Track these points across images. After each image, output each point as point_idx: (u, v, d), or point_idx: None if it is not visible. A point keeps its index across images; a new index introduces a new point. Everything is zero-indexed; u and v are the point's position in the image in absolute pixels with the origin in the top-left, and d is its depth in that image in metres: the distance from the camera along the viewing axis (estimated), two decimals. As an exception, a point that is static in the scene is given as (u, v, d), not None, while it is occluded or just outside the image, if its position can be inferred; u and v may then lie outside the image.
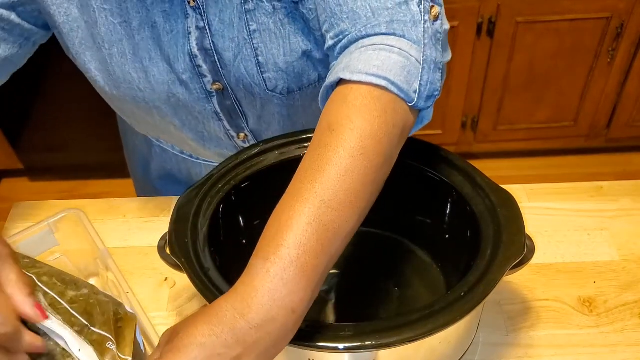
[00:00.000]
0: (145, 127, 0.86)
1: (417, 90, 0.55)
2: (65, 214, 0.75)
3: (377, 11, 0.57)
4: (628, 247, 0.79)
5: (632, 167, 2.08)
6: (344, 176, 0.51)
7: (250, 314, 0.47)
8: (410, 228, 0.77)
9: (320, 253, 0.49)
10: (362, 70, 0.54)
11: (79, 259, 0.77)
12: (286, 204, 0.51)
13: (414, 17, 0.57)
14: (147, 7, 0.68)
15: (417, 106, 0.56)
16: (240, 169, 0.70)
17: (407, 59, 0.55)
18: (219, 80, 0.74)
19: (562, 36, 1.75)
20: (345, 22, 0.59)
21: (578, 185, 0.88)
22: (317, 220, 0.49)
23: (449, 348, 0.62)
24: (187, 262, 0.60)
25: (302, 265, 0.48)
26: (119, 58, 0.72)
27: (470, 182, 0.66)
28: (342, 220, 0.50)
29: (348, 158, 0.51)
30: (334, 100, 0.55)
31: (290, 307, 0.48)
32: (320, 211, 0.50)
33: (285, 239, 0.49)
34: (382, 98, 0.53)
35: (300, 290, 0.48)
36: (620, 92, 1.89)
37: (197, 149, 0.86)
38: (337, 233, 0.50)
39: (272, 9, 0.67)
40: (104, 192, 2.10)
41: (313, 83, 0.75)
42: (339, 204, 0.50)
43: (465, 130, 1.97)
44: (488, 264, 0.57)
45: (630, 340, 0.69)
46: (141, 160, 0.99)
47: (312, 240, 0.49)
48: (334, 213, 0.50)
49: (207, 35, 0.69)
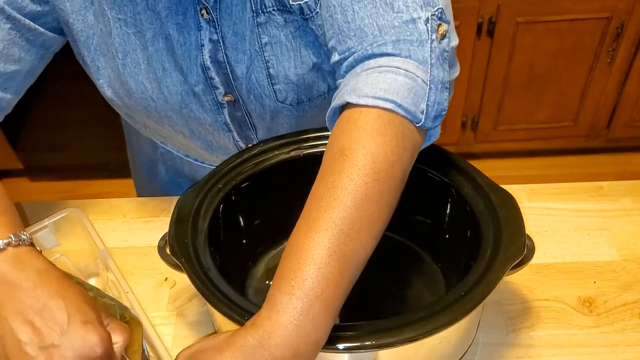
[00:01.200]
0: (152, 132, 0.86)
1: (425, 111, 0.55)
2: (65, 214, 0.75)
3: (384, 29, 0.57)
4: (628, 247, 0.79)
5: (632, 167, 2.08)
6: (360, 204, 0.51)
7: (277, 352, 0.48)
8: (410, 228, 0.77)
9: (340, 283, 0.50)
10: (368, 94, 0.54)
11: (79, 259, 0.77)
12: (304, 234, 0.51)
13: (421, 36, 0.56)
14: (161, 19, 0.68)
15: (425, 126, 0.56)
16: (240, 169, 0.70)
17: (414, 80, 0.55)
18: (230, 92, 0.74)
19: (562, 36, 1.75)
20: (352, 39, 0.59)
21: (578, 185, 0.88)
22: (337, 251, 0.50)
23: (449, 348, 0.62)
24: (187, 262, 0.60)
25: (326, 299, 0.49)
26: (132, 68, 0.72)
27: (470, 182, 0.66)
28: (359, 248, 0.51)
29: (363, 185, 0.51)
30: (344, 124, 0.55)
31: (315, 342, 0.49)
32: (339, 241, 0.50)
33: (309, 273, 0.49)
34: (392, 122, 0.53)
35: (325, 325, 0.49)
36: (620, 92, 1.89)
37: (204, 155, 0.87)
38: (356, 261, 0.51)
39: (283, 22, 0.68)
40: (104, 192, 2.10)
41: (322, 94, 0.75)
42: (356, 232, 0.51)
43: (465, 130, 1.97)
44: (488, 264, 0.57)
45: (630, 340, 0.69)
46: (146, 162, 0.99)
47: (335, 272, 0.49)
48: (353, 242, 0.50)
49: (221, 48, 0.70)
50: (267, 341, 0.48)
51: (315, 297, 0.48)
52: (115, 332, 0.55)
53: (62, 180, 2.16)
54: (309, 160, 0.72)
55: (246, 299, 0.57)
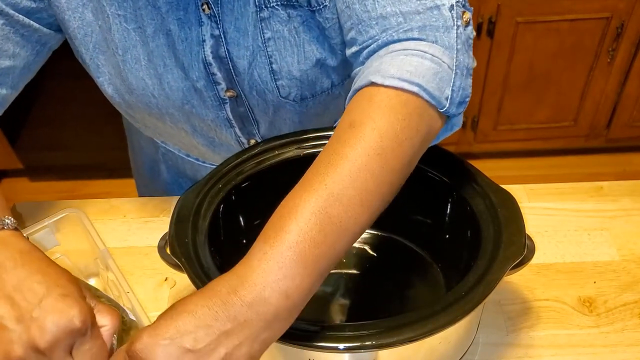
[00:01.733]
0: (153, 131, 0.86)
1: (449, 97, 0.55)
2: (65, 214, 0.75)
3: (409, 16, 0.57)
4: (628, 247, 0.79)
5: (632, 167, 2.08)
6: (357, 173, 0.50)
7: (242, 291, 0.47)
8: (410, 228, 0.77)
9: (321, 244, 0.49)
10: (394, 75, 0.53)
11: (79, 259, 0.77)
12: (295, 193, 0.51)
13: (446, 23, 0.56)
14: (161, 15, 0.68)
15: (449, 112, 0.56)
16: (240, 169, 0.70)
17: (440, 65, 0.55)
18: (232, 88, 0.74)
19: (562, 36, 1.75)
20: (374, 28, 0.59)
21: (578, 185, 0.88)
22: (322, 211, 0.49)
23: (449, 348, 0.62)
24: (187, 262, 0.60)
25: (300, 252, 0.48)
26: (133, 64, 0.72)
27: (470, 182, 0.66)
28: (349, 216, 0.50)
29: (364, 156, 0.51)
30: (359, 99, 0.55)
31: (284, 290, 0.47)
32: (327, 203, 0.49)
33: (287, 225, 0.49)
34: (409, 102, 0.53)
35: (296, 276, 0.48)
36: (620, 92, 1.89)
37: (206, 153, 0.86)
38: (342, 228, 0.50)
39: (287, 17, 0.67)
40: (104, 192, 2.10)
41: (326, 90, 0.75)
42: (348, 199, 0.50)
43: (465, 130, 1.97)
44: (488, 264, 0.57)
45: (630, 340, 0.69)
46: (148, 162, 0.99)
47: (314, 229, 0.49)
48: (341, 207, 0.50)
49: (222, 44, 0.69)
50: (235, 281, 0.47)
51: (288, 247, 0.48)
52: (103, 314, 0.54)
53: (62, 180, 2.16)
54: (309, 160, 0.71)
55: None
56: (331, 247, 0.49)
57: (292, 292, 0.48)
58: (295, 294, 0.48)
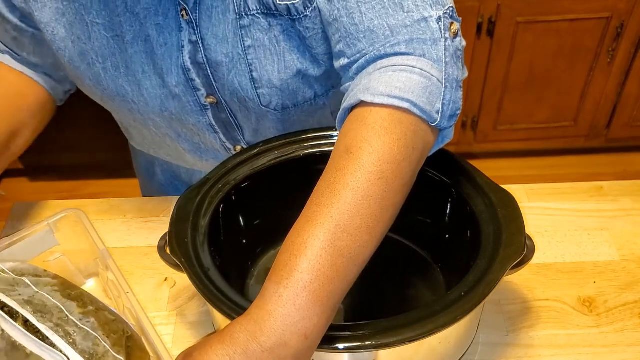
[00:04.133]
0: (142, 141, 0.86)
1: (440, 111, 0.55)
2: (65, 214, 0.75)
3: (396, 29, 0.56)
4: (628, 247, 0.79)
5: (632, 167, 2.08)
6: (362, 201, 0.50)
7: (262, 337, 0.47)
8: (410, 228, 0.77)
9: (334, 279, 0.49)
10: (383, 93, 0.53)
11: (79, 259, 0.77)
12: (301, 228, 0.51)
13: (434, 35, 0.56)
14: (140, 21, 0.68)
15: (440, 126, 0.56)
16: (240, 169, 0.70)
17: (429, 79, 0.54)
18: (212, 94, 0.74)
19: (562, 36, 1.75)
20: (362, 41, 0.58)
21: (578, 185, 0.88)
22: (331, 245, 0.49)
23: (449, 348, 0.62)
24: (187, 262, 0.60)
25: (315, 291, 0.48)
26: (113, 72, 0.72)
27: (470, 182, 0.66)
28: (358, 245, 0.50)
29: (366, 182, 0.50)
30: (352, 122, 0.54)
31: (303, 332, 0.48)
32: (335, 236, 0.49)
33: (299, 264, 0.49)
34: (402, 121, 0.53)
35: (313, 317, 0.48)
36: (620, 92, 1.89)
37: (195, 162, 0.86)
38: (352, 258, 0.50)
39: (267, 25, 0.67)
40: (104, 192, 2.10)
41: (309, 100, 0.74)
42: (355, 229, 0.50)
43: (465, 130, 1.97)
44: (488, 264, 0.57)
45: (630, 340, 0.69)
46: (144, 162, 0.99)
47: (326, 265, 0.49)
48: (350, 238, 0.49)
49: (200, 49, 0.69)
50: (254, 327, 0.48)
51: (303, 288, 0.48)
52: None
53: (62, 180, 2.16)
54: (309, 160, 0.72)
55: (246, 299, 0.57)
56: (344, 280, 0.50)
57: (311, 332, 0.48)
58: (314, 333, 0.49)
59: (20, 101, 0.78)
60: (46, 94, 0.82)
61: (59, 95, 0.84)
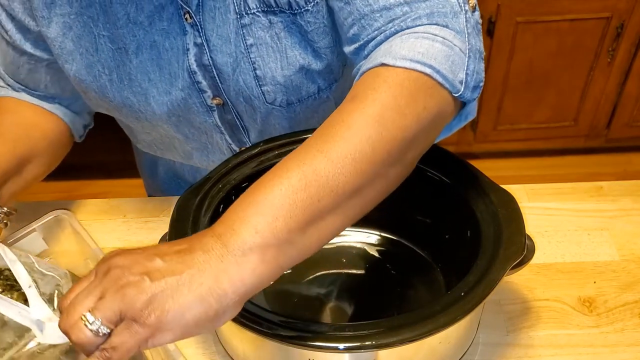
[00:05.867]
0: (149, 144, 0.86)
1: (464, 81, 0.53)
2: (52, 217, 0.74)
3: (414, 4, 0.55)
4: (628, 247, 0.79)
5: (632, 167, 2.08)
6: (352, 136, 0.47)
7: (216, 228, 0.46)
8: (410, 228, 0.77)
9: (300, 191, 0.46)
10: (405, 57, 0.51)
11: (69, 260, 0.77)
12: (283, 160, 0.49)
13: (454, 9, 0.55)
14: (144, 29, 0.68)
15: (464, 97, 0.54)
16: (240, 169, 0.70)
17: (451, 48, 0.53)
18: (218, 95, 0.74)
19: (562, 36, 1.75)
20: (378, 20, 0.57)
21: (578, 185, 0.88)
22: (308, 164, 0.47)
23: (449, 348, 0.62)
24: (187, 262, 0.59)
25: (278, 196, 0.46)
26: (119, 83, 0.72)
27: (470, 182, 0.66)
28: (338, 173, 0.47)
29: (361, 121, 0.48)
30: (366, 77, 0.53)
31: (253, 225, 0.45)
32: (315, 159, 0.47)
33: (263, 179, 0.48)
34: (419, 80, 0.51)
35: (268, 216, 0.45)
36: (620, 92, 1.89)
37: (202, 161, 0.86)
38: (329, 184, 0.46)
39: (268, 23, 0.67)
40: (104, 192, 2.10)
41: (312, 95, 0.75)
42: (338, 156, 0.47)
43: (465, 130, 1.97)
44: (488, 264, 0.57)
45: (630, 340, 0.69)
46: (146, 161, 0.99)
47: (295, 178, 0.46)
48: (330, 163, 0.47)
49: (205, 51, 0.70)
50: (214, 227, 0.47)
51: (270, 192, 0.46)
52: None
53: (62, 180, 2.16)
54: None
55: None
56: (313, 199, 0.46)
57: (262, 228, 0.45)
58: (266, 231, 0.45)
59: (34, 129, 0.77)
60: (63, 125, 0.81)
61: (78, 130, 0.84)
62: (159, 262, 0.45)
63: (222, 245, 0.45)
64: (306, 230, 0.47)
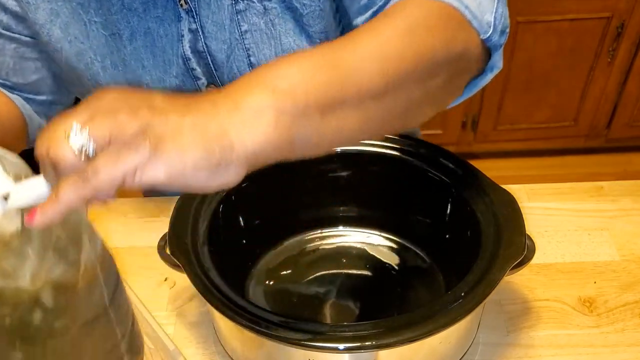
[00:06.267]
0: None
1: (492, 23, 0.52)
2: None
3: None
4: (628, 247, 0.79)
5: (632, 167, 2.08)
6: (381, 42, 0.45)
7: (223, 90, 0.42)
8: (410, 228, 0.77)
9: (327, 79, 0.42)
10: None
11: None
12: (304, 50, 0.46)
13: None
14: (138, 15, 0.68)
15: (491, 40, 0.53)
16: (240, 169, 0.70)
17: None
18: (213, 82, 0.74)
19: (562, 36, 1.75)
20: None
21: (578, 185, 0.88)
22: (331, 54, 0.43)
23: (449, 348, 0.62)
24: (187, 262, 0.60)
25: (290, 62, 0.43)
26: (112, 70, 0.72)
27: (470, 182, 0.66)
28: (363, 68, 0.43)
29: (390, 31, 0.46)
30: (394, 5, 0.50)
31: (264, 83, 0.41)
32: (340, 50, 0.44)
33: (287, 57, 0.43)
34: (450, 13, 0.49)
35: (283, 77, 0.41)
36: (621, 92, 1.89)
37: None
38: (353, 77, 0.43)
39: (263, 9, 0.67)
40: (104, 192, 2.09)
41: None
42: (364, 53, 0.44)
43: (465, 130, 1.97)
44: (488, 264, 0.57)
45: (631, 340, 0.69)
46: None
47: (317, 61, 0.43)
48: (356, 58, 0.43)
49: (200, 38, 0.70)
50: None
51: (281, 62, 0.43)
52: None
53: (62, 180, 2.16)
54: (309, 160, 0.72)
55: (246, 299, 0.57)
56: (335, 84, 0.42)
57: (282, 89, 0.40)
58: (285, 94, 0.40)
59: None
60: (20, 117, 0.77)
61: (33, 130, 0.78)
62: (160, 101, 0.40)
63: (233, 103, 0.40)
64: (325, 113, 0.42)
